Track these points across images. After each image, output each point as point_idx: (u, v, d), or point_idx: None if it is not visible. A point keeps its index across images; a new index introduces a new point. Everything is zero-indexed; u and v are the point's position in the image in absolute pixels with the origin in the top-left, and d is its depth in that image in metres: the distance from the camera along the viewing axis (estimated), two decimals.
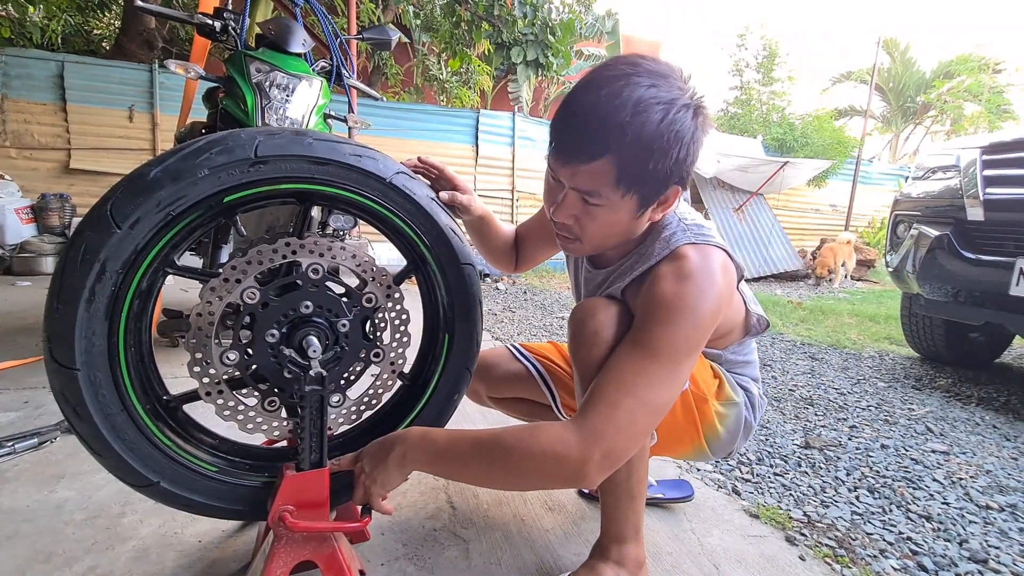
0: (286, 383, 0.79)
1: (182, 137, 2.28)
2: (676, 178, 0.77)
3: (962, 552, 1.21)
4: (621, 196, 0.74)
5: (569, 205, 0.78)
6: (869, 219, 9.99)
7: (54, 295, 0.68)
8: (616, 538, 0.94)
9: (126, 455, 0.73)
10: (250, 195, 0.75)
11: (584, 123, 0.72)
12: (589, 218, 0.78)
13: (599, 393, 0.75)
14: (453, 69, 8.36)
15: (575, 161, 0.74)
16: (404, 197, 0.84)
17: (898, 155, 16.21)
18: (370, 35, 2.28)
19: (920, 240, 2.44)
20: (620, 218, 0.78)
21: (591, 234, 0.81)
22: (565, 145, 0.75)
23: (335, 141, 0.80)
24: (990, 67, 13.75)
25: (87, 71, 5.28)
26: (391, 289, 0.86)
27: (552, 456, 0.71)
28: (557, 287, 5.55)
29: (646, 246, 0.87)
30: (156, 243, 0.71)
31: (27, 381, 1.90)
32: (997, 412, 2.23)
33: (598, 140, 0.71)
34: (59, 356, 0.68)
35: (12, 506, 1.14)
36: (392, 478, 0.80)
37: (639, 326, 0.79)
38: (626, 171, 0.72)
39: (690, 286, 0.77)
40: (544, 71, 5.67)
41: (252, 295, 0.75)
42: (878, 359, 3.11)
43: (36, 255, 4.53)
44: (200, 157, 0.71)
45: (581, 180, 0.75)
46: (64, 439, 1.44)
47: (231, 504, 0.83)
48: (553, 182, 0.80)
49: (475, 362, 0.97)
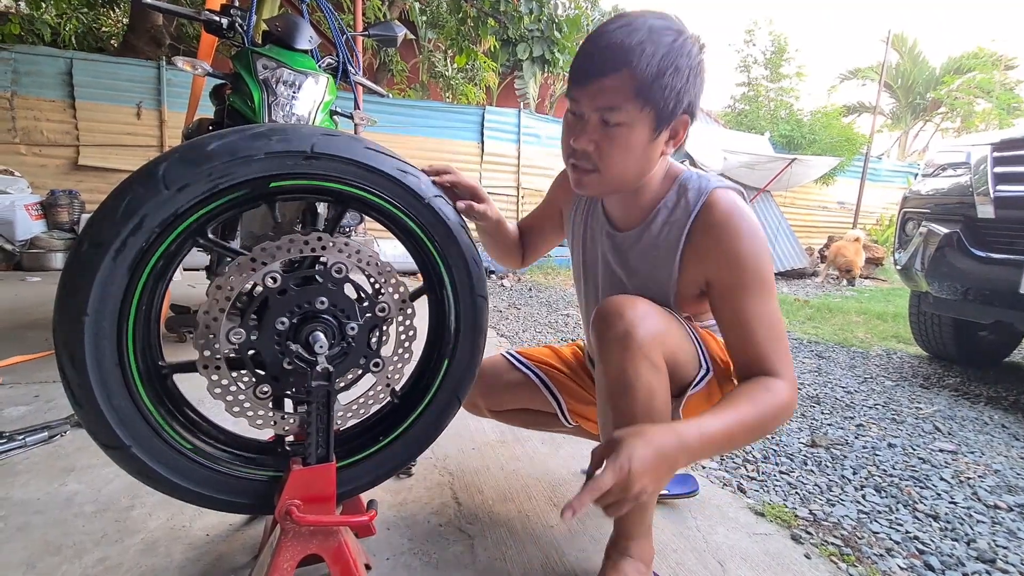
0: (284, 374, 0.80)
1: (189, 134, 2.29)
2: (686, 103, 0.81)
3: (969, 552, 1.20)
4: (639, 109, 0.78)
5: (590, 130, 0.82)
6: (877, 216, 9.92)
7: (85, 238, 0.68)
8: (632, 535, 0.94)
9: (107, 412, 0.72)
10: (295, 186, 0.78)
11: (603, 47, 0.78)
12: (609, 141, 0.81)
13: (772, 342, 0.84)
14: (459, 65, 8.35)
15: (595, 78, 0.78)
16: (437, 219, 0.86)
17: (907, 152, 16.07)
18: (376, 32, 2.28)
19: (929, 238, 2.42)
20: (638, 140, 0.81)
21: (610, 160, 0.83)
22: (585, 69, 0.80)
23: (386, 153, 0.83)
24: (1002, 63, 13.58)
25: (96, 68, 5.31)
26: (405, 304, 0.86)
27: (789, 411, 0.82)
28: (562, 284, 5.54)
29: (673, 198, 0.91)
30: (196, 211, 0.73)
31: (37, 376, 1.92)
32: (1006, 411, 2.21)
33: (616, 56, 0.77)
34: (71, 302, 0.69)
35: (23, 498, 1.16)
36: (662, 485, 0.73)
37: (738, 278, 0.85)
38: (643, 83, 0.76)
39: (750, 221, 0.86)
40: (550, 67, 5.65)
41: (274, 279, 0.76)
42: (885, 357, 3.09)
43: (45, 251, 4.58)
44: (259, 141, 0.74)
45: (602, 97, 0.79)
46: (74, 433, 1.46)
47: (197, 486, 0.80)
48: (572, 118, 0.85)
49: (467, 391, 0.95)
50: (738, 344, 0.86)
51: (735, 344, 0.87)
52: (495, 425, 1.69)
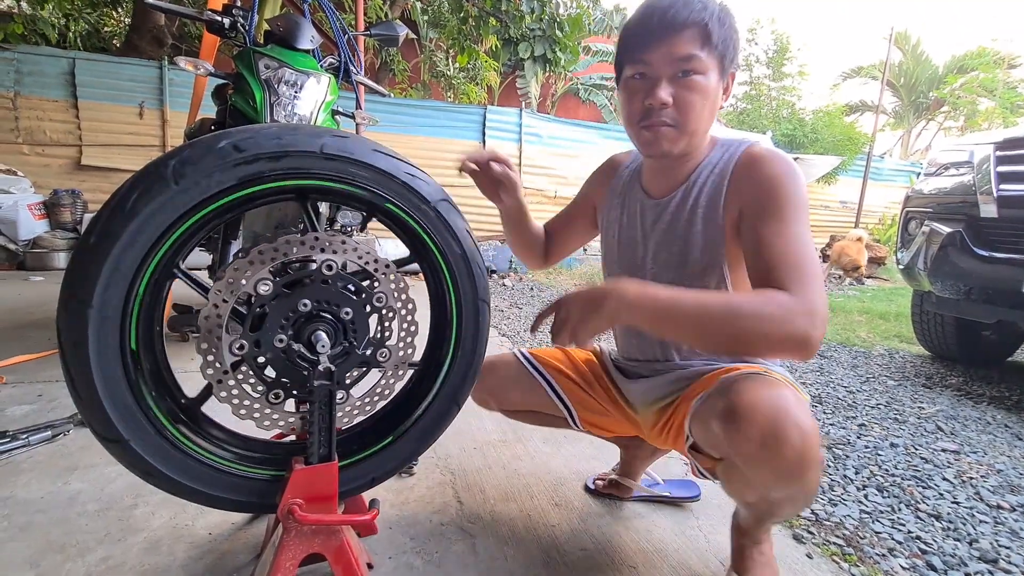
0: (287, 374, 0.80)
1: (191, 134, 2.29)
2: (736, 54, 0.89)
3: (972, 552, 1.20)
4: (707, 56, 0.85)
5: (666, 85, 0.86)
6: (880, 216, 9.88)
7: (109, 206, 0.69)
8: (759, 540, 0.95)
9: (107, 403, 0.72)
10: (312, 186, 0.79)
11: (665, 8, 0.84)
12: (687, 90, 0.86)
13: (791, 268, 0.78)
14: (460, 65, 8.36)
15: (669, 34, 0.84)
16: (443, 223, 0.86)
17: (910, 151, 16.01)
18: (378, 31, 2.28)
19: (932, 237, 2.41)
20: (712, 87, 0.87)
21: (691, 110, 0.87)
22: (652, 30, 0.85)
23: (395, 156, 0.83)
24: (1005, 62, 13.53)
25: (98, 68, 5.33)
26: (405, 300, 0.87)
27: (785, 329, 0.73)
28: (564, 284, 5.54)
29: (716, 156, 0.95)
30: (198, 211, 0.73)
31: (40, 375, 1.93)
32: (1009, 411, 2.20)
33: (684, 13, 0.83)
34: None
35: (27, 497, 1.16)
36: (601, 327, 0.79)
37: (765, 201, 0.85)
38: (712, 33, 0.84)
39: (788, 160, 0.88)
40: (552, 67, 5.65)
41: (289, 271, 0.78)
42: (888, 357, 3.08)
43: (48, 251, 4.59)
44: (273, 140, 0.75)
45: (677, 48, 0.84)
46: (77, 432, 1.46)
47: (189, 479, 0.79)
48: (638, 81, 0.89)
49: (467, 394, 0.95)
50: (756, 272, 0.83)
51: (754, 273, 0.84)
52: (496, 424, 1.70)
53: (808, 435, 0.72)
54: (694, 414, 0.87)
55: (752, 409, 0.74)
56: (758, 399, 0.74)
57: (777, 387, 0.77)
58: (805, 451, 0.72)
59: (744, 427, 0.73)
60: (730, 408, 0.76)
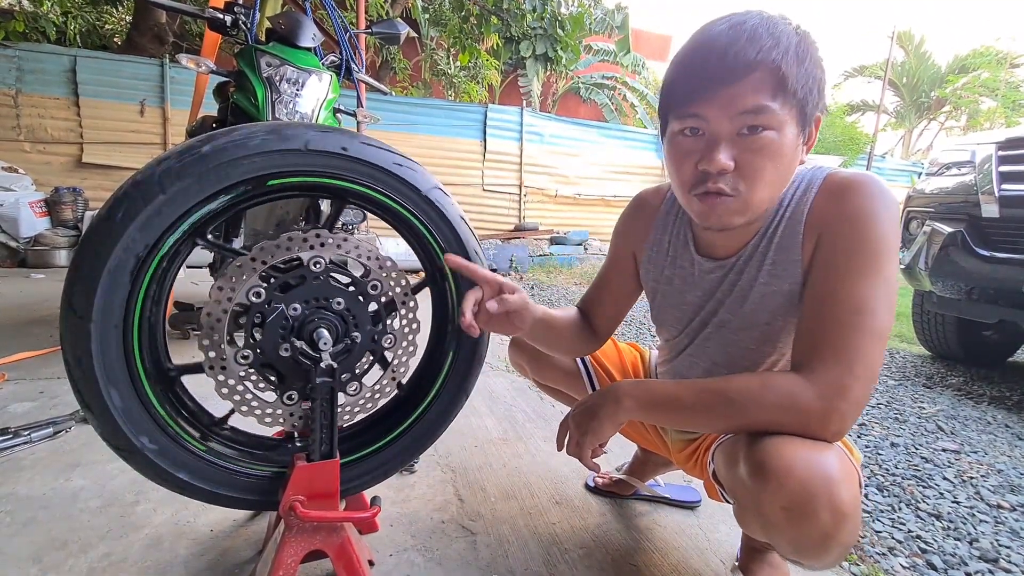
0: (289, 371, 0.80)
1: (193, 131, 2.29)
2: (820, 95, 0.70)
3: (972, 551, 1.20)
4: (781, 106, 0.66)
5: (727, 146, 0.68)
6: None
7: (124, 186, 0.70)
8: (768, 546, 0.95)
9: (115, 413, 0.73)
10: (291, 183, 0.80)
11: (725, 48, 0.65)
12: (754, 152, 0.67)
13: (829, 339, 0.66)
14: (462, 63, 8.36)
15: (728, 82, 0.66)
16: (436, 211, 0.87)
17: (911, 151, 16.00)
18: (379, 29, 2.28)
19: (933, 237, 2.41)
20: (786, 142, 0.68)
21: (759, 176, 0.68)
22: (709, 77, 0.67)
23: (382, 147, 0.83)
24: (1007, 61, 13.50)
25: (99, 66, 5.33)
26: (407, 297, 0.87)
27: (790, 411, 0.65)
28: (564, 283, 5.54)
29: (786, 196, 0.77)
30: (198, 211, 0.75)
31: (42, 372, 1.93)
32: (1009, 411, 2.20)
33: (748, 53, 0.65)
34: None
35: (29, 494, 1.17)
36: (604, 431, 0.78)
37: (843, 251, 0.69)
38: (786, 77, 0.65)
39: (877, 187, 0.71)
40: (553, 65, 5.66)
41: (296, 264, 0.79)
42: (888, 357, 3.08)
43: (50, 248, 4.60)
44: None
45: (741, 101, 0.66)
46: (79, 428, 1.47)
47: (178, 471, 0.80)
48: (689, 140, 0.71)
49: (472, 385, 0.96)
50: (797, 332, 0.73)
51: (800, 329, 0.72)
52: (497, 422, 1.70)
53: (842, 519, 0.61)
54: (720, 445, 0.80)
55: (786, 472, 0.62)
56: (795, 459, 0.62)
57: (823, 450, 0.63)
58: (833, 535, 0.61)
59: (772, 487, 0.62)
60: (761, 462, 0.64)
